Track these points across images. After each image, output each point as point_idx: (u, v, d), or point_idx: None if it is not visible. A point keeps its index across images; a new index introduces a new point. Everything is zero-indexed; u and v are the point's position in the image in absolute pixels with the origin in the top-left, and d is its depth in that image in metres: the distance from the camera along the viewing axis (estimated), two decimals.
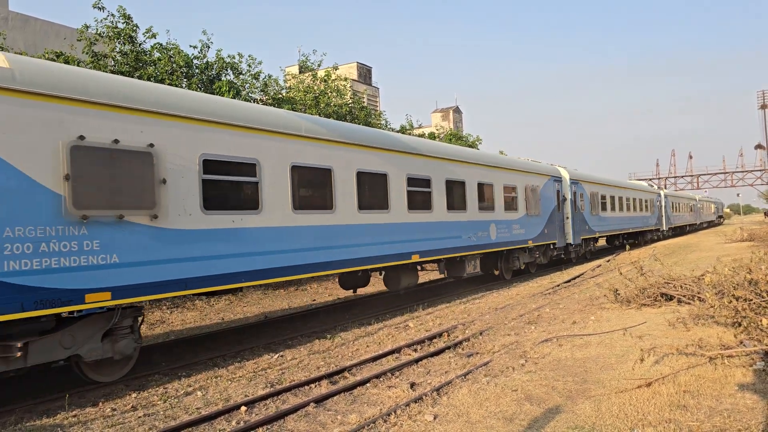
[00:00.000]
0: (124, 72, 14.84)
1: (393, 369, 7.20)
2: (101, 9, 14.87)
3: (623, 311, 9.80)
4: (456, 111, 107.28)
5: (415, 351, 8.29)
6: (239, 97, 17.17)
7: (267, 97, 19.77)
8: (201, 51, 17.17)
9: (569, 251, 21.03)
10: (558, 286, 15.12)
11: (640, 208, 31.75)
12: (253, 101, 18.85)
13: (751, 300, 6.98)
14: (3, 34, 16.14)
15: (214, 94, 15.85)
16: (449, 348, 8.27)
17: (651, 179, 78.93)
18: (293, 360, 8.14)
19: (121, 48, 15.32)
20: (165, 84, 14.50)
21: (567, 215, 20.54)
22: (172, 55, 16.07)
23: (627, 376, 5.92)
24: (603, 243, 30.76)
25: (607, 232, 25.64)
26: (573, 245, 21.07)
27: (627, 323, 8.43)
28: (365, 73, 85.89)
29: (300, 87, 21.56)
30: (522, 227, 16.90)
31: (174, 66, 15.96)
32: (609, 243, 30.76)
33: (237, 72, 18.22)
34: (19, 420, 5.88)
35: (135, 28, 15.47)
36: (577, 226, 21.33)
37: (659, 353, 6.42)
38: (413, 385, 6.43)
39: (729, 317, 7.26)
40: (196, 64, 16.99)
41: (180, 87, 15.76)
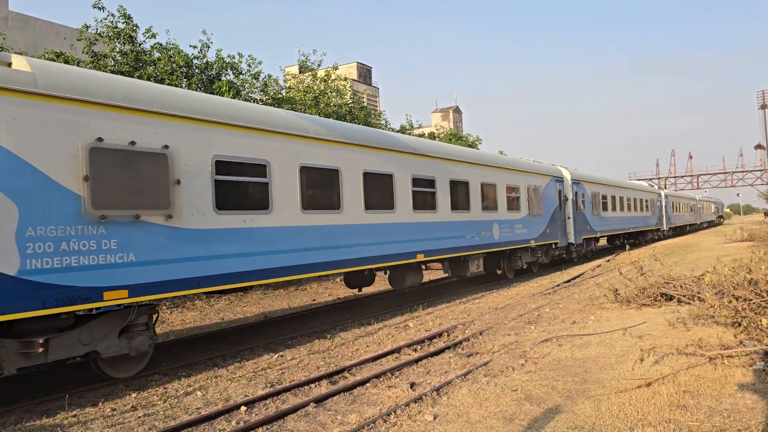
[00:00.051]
0: (124, 72, 14.84)
1: (393, 369, 7.20)
2: (101, 9, 14.88)
3: (623, 311, 9.80)
4: (456, 111, 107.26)
5: (415, 351, 8.30)
6: (239, 97, 17.17)
7: (267, 97, 19.76)
8: (201, 51, 17.17)
9: (571, 251, 21.09)
10: (558, 285, 15.12)
11: (640, 208, 31.75)
12: (253, 101, 18.85)
13: (751, 300, 6.98)
14: (3, 34, 16.15)
15: (214, 94, 15.85)
16: (449, 348, 8.27)
17: (651, 179, 78.93)
18: (293, 360, 8.14)
19: (121, 48, 15.32)
20: (165, 84, 14.51)
21: (568, 215, 20.60)
22: (171, 55, 16.07)
23: (627, 376, 5.92)
24: (604, 243, 30.76)
25: (608, 231, 25.69)
26: (574, 245, 21.13)
27: (627, 323, 8.43)
28: (365, 73, 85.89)
29: (300, 87, 21.56)
30: (524, 227, 16.95)
31: (174, 66, 15.96)
32: (610, 243, 30.78)
33: (237, 72, 18.23)
34: (19, 420, 5.88)
35: (135, 28, 15.47)
36: (579, 225, 21.37)
37: (659, 353, 6.42)
38: (413, 385, 6.43)
39: (729, 317, 7.26)
40: (196, 64, 16.98)
41: (180, 87, 15.76)
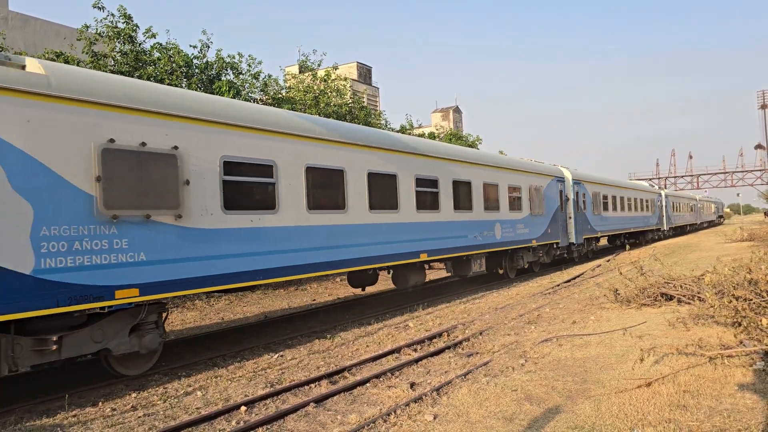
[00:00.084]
0: (123, 72, 14.83)
1: (393, 369, 7.20)
2: (101, 9, 14.88)
3: (623, 311, 9.79)
4: (456, 111, 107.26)
5: (415, 351, 8.30)
6: (239, 97, 17.16)
7: (267, 97, 19.76)
8: (201, 51, 17.17)
9: (572, 250, 21.18)
10: (558, 285, 15.12)
11: (641, 208, 31.78)
12: (253, 101, 18.85)
13: (751, 300, 6.98)
14: (3, 33, 16.14)
15: (214, 93, 15.85)
16: (449, 348, 8.27)
17: (651, 179, 78.90)
18: (293, 360, 8.14)
19: (121, 48, 15.32)
20: (165, 84, 14.51)
21: (570, 215, 20.67)
22: (171, 55, 16.07)
23: (627, 376, 5.92)
24: (604, 242, 30.78)
25: (609, 231, 25.77)
26: (576, 245, 21.20)
27: (627, 323, 8.42)
28: (365, 73, 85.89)
29: (300, 87, 21.56)
30: (526, 227, 17.02)
31: (174, 66, 15.95)
32: (610, 242, 30.81)
33: (237, 72, 18.23)
34: (19, 420, 5.88)
35: (135, 27, 15.47)
36: (580, 225, 21.44)
37: (659, 353, 6.42)
38: (413, 385, 6.43)
39: (729, 317, 7.26)
40: (195, 63, 16.98)
41: (180, 87, 15.76)
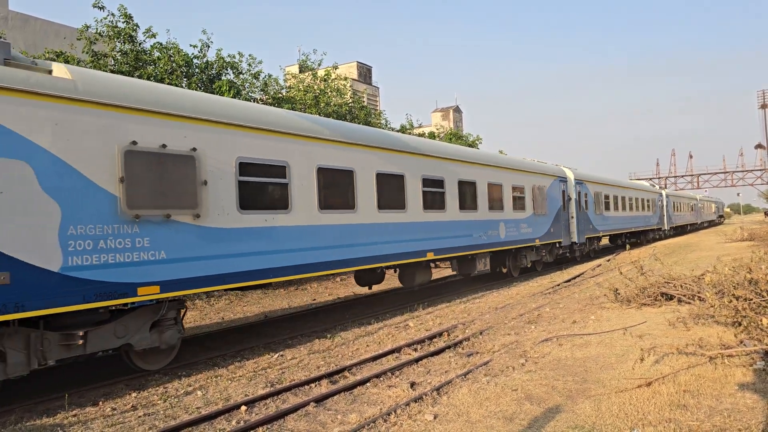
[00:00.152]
0: (123, 71, 14.83)
1: (393, 368, 7.20)
2: (101, 8, 14.88)
3: (623, 311, 9.79)
4: (456, 110, 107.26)
5: (415, 350, 8.30)
6: (239, 97, 17.16)
7: (267, 97, 19.76)
8: (201, 50, 17.17)
9: (574, 250, 21.36)
10: (558, 285, 15.12)
11: (642, 207, 31.85)
12: (253, 101, 18.86)
13: (752, 299, 6.98)
14: (3, 33, 16.15)
15: (214, 93, 15.85)
16: (449, 347, 8.27)
17: (651, 179, 78.85)
18: (293, 359, 8.14)
19: (121, 47, 15.32)
20: (165, 83, 14.51)
21: (572, 215, 20.85)
22: (171, 55, 16.07)
23: (627, 375, 5.92)
24: (606, 242, 30.81)
25: (611, 231, 25.93)
26: (578, 244, 21.38)
27: (627, 323, 8.42)
28: (365, 73, 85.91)
29: (300, 86, 21.56)
30: (529, 226, 17.20)
31: (174, 65, 15.95)
32: (612, 242, 30.87)
33: (237, 71, 18.23)
34: (19, 419, 5.88)
35: (135, 27, 15.47)
36: (582, 225, 21.61)
37: (659, 353, 6.42)
38: (413, 385, 6.43)
39: (729, 317, 7.26)
40: (196, 63, 16.98)
41: (180, 86, 15.76)
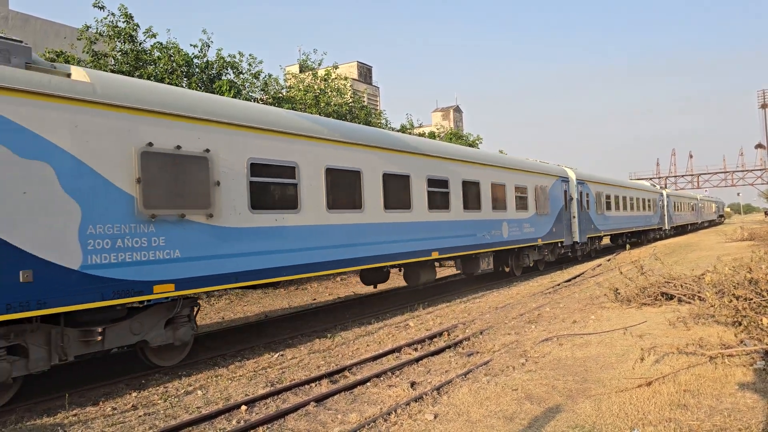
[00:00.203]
0: (124, 71, 14.83)
1: (393, 368, 7.20)
2: (101, 8, 14.88)
3: (623, 310, 9.79)
4: (456, 110, 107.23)
5: (416, 350, 8.30)
6: (240, 97, 17.16)
7: (267, 96, 19.76)
8: (201, 50, 17.17)
9: (576, 249, 21.50)
10: (558, 285, 15.12)
11: (643, 207, 31.93)
12: (254, 100, 18.86)
13: (752, 299, 6.97)
14: (3, 33, 16.16)
15: (214, 93, 15.85)
16: (449, 347, 8.27)
17: (651, 178, 78.81)
18: (293, 359, 8.14)
19: (122, 47, 15.32)
20: (165, 83, 14.51)
21: (574, 214, 20.99)
22: (171, 54, 16.07)
23: (627, 375, 5.92)
24: (607, 242, 30.84)
25: (612, 230, 26.06)
26: (579, 243, 21.52)
27: (627, 322, 8.42)
28: (365, 73, 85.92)
29: (300, 86, 21.56)
30: (532, 226, 17.34)
31: (174, 65, 15.96)
32: (613, 242, 30.92)
33: (237, 71, 18.23)
34: (20, 419, 5.88)
35: (135, 27, 15.47)
36: (584, 225, 21.74)
37: (659, 352, 6.42)
38: (413, 385, 6.43)
39: (729, 316, 7.26)
40: (196, 63, 16.98)
41: (180, 86, 15.76)
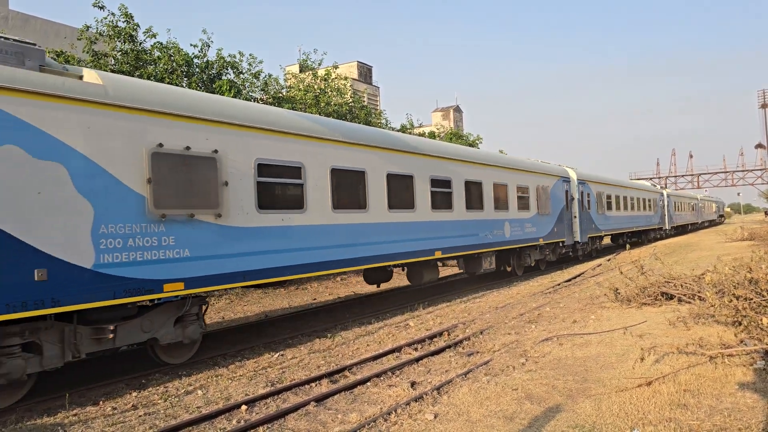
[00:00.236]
0: (124, 71, 14.83)
1: (393, 368, 7.20)
2: (101, 8, 14.88)
3: (623, 310, 9.79)
4: (456, 110, 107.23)
5: (416, 350, 8.30)
6: (240, 96, 17.16)
7: (267, 96, 19.75)
8: (201, 50, 17.17)
9: (577, 249, 21.59)
10: (558, 285, 15.12)
11: (643, 207, 31.98)
12: (254, 100, 18.86)
13: (752, 299, 6.97)
14: (3, 33, 16.16)
15: (214, 93, 15.85)
16: (450, 347, 8.27)
17: (651, 178, 78.81)
18: (294, 359, 8.14)
19: (122, 47, 15.32)
20: (165, 83, 14.51)
21: (575, 214, 21.07)
22: (172, 54, 16.06)
23: (627, 375, 5.92)
24: (607, 241, 30.87)
25: (613, 230, 26.14)
26: (580, 243, 21.60)
27: (627, 322, 8.42)
28: (365, 73, 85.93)
29: (300, 86, 21.56)
30: (534, 226, 17.43)
31: (174, 65, 15.95)
32: (614, 241, 30.96)
33: (237, 71, 18.22)
34: (20, 419, 5.88)
35: (135, 27, 15.47)
36: (585, 224, 21.82)
37: (659, 352, 6.42)
38: (414, 384, 6.43)
39: (729, 316, 7.25)
40: (196, 63, 16.98)
41: (180, 86, 15.76)
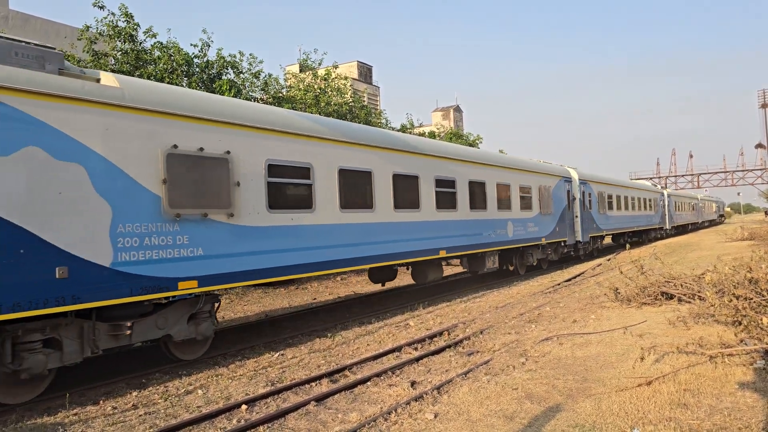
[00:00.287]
0: (124, 71, 14.83)
1: (394, 367, 7.20)
2: (101, 8, 14.89)
3: (623, 310, 9.79)
4: (456, 110, 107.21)
5: (416, 349, 8.30)
6: (240, 96, 17.16)
7: (267, 96, 19.75)
8: (201, 50, 17.17)
9: (578, 248, 21.69)
10: (558, 284, 15.12)
11: (644, 207, 32.05)
12: (254, 100, 18.86)
13: (752, 299, 6.98)
14: (3, 32, 16.16)
15: (214, 92, 15.85)
16: (450, 346, 8.27)
17: (652, 178, 78.80)
18: (294, 358, 8.15)
19: (122, 47, 15.32)
20: (165, 82, 14.51)
21: (576, 214, 21.18)
22: (172, 54, 16.06)
23: (627, 374, 5.92)
24: (608, 241, 30.90)
25: (614, 230, 26.23)
26: (582, 243, 21.70)
27: (627, 322, 8.43)
28: (366, 72, 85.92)
29: (300, 86, 21.55)
30: (536, 225, 17.57)
31: (174, 65, 15.95)
32: (614, 241, 31.00)
33: (237, 71, 18.22)
34: (20, 418, 5.89)
35: (136, 26, 15.47)
36: (586, 224, 21.92)
37: (660, 352, 6.42)
38: (414, 384, 6.43)
39: (729, 316, 7.26)
40: (196, 62, 16.98)
41: (180, 86, 15.76)
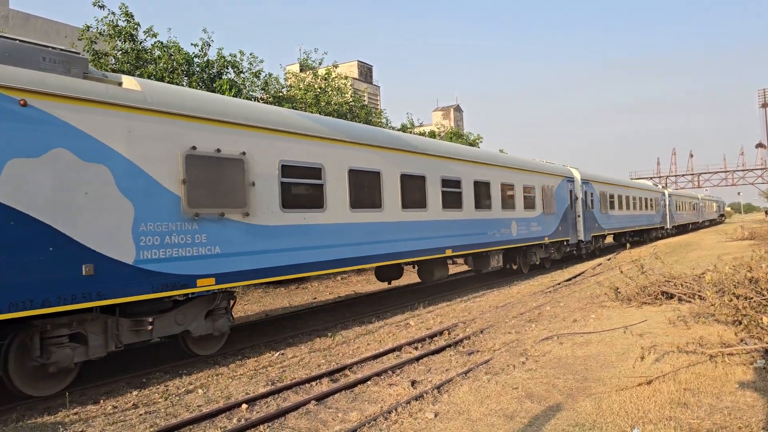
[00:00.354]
0: (124, 70, 14.83)
1: (394, 367, 7.20)
2: (102, 7, 14.88)
3: (624, 309, 9.80)
4: (457, 110, 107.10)
5: (416, 349, 8.30)
6: (240, 96, 17.15)
7: (268, 96, 19.75)
8: (202, 49, 17.15)
9: (580, 247, 21.84)
10: (559, 284, 15.12)
11: (645, 206, 32.14)
12: (254, 99, 18.85)
13: (752, 298, 6.98)
14: (3, 32, 16.16)
15: (214, 92, 15.84)
16: (450, 346, 8.28)
17: (652, 178, 78.78)
18: (294, 358, 8.15)
19: (122, 46, 15.32)
20: (165, 82, 14.51)
21: (578, 213, 21.32)
22: (172, 53, 16.06)
23: (628, 374, 5.92)
24: (609, 240, 30.93)
25: (615, 229, 26.35)
26: (584, 242, 21.83)
27: (627, 321, 8.43)
28: (366, 72, 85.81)
29: (300, 85, 21.54)
30: (539, 225, 17.72)
31: (174, 64, 15.95)
32: (616, 240, 31.06)
33: (238, 70, 18.21)
34: (21, 417, 5.89)
35: (136, 26, 15.47)
36: (588, 223, 22.06)
37: (660, 351, 6.43)
38: (414, 383, 6.44)
39: (729, 315, 7.26)
40: (196, 62, 16.97)
41: (180, 85, 15.75)
